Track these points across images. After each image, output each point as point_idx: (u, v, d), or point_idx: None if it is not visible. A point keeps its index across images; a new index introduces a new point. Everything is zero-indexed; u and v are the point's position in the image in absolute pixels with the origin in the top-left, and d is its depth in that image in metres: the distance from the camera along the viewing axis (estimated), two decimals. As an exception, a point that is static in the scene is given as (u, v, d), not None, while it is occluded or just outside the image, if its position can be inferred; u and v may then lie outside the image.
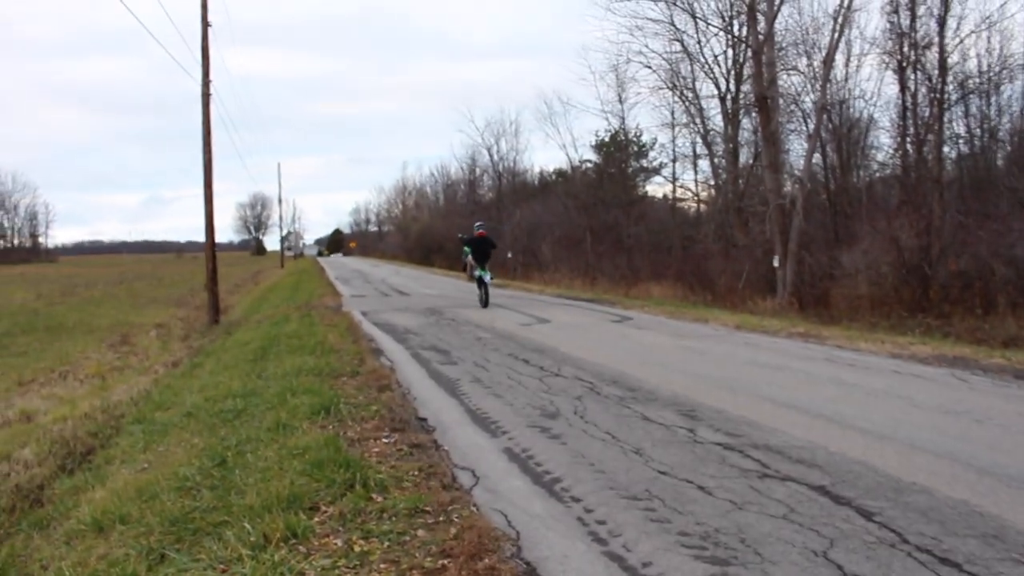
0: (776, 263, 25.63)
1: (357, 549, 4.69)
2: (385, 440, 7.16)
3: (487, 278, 21.00)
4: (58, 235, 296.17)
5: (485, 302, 20.96)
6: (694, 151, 42.11)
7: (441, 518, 5.09)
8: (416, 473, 6.07)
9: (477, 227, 21.76)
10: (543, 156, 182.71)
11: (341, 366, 11.24)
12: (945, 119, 27.08)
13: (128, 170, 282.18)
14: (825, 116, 29.06)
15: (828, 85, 27.65)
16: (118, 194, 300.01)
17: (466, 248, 21.75)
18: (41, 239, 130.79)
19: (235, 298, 38.85)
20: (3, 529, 7.06)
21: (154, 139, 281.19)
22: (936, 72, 26.47)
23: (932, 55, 26.67)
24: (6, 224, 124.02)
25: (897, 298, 21.74)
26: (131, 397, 12.65)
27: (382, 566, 4.44)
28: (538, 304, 22.52)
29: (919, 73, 27.16)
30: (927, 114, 27.33)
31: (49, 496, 7.76)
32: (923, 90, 27.31)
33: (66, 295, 41.27)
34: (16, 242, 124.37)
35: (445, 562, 4.42)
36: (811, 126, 31.06)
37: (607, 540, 4.71)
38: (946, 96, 26.49)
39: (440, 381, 10.28)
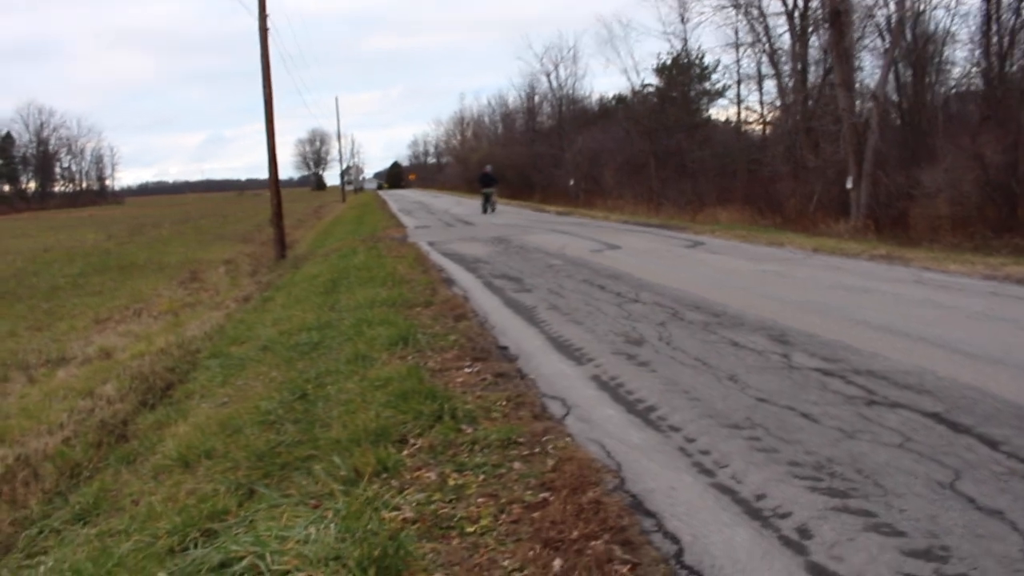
0: (849, 184, 24.74)
1: (452, 483, 4.52)
2: (467, 370, 6.98)
3: (492, 195, 34.10)
4: (124, 177, 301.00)
5: (485, 209, 33.39)
6: (759, 71, 40.76)
7: (536, 449, 4.89)
8: (504, 403, 5.88)
9: (486, 168, 36.52)
10: (604, 83, 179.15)
11: (414, 296, 11.09)
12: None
13: (190, 111, 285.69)
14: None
15: (906, -5, 26.27)
16: (181, 135, 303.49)
17: (480, 179, 35.56)
18: (108, 182, 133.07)
19: (299, 233, 39.07)
20: (92, 464, 7.09)
21: (215, 79, 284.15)
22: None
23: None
24: (74, 168, 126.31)
25: (981, 218, 20.86)
26: (205, 332, 12.70)
27: (480, 500, 4.26)
28: (605, 230, 22.14)
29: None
30: (1013, 22, 25.88)
31: (133, 431, 7.77)
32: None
33: (135, 235, 41.93)
34: (84, 185, 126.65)
35: (546, 495, 4.23)
36: (886, 41, 29.77)
37: (714, 471, 4.47)
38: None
39: (516, 309, 10.07)
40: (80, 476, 6.90)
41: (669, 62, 44.96)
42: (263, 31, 24.49)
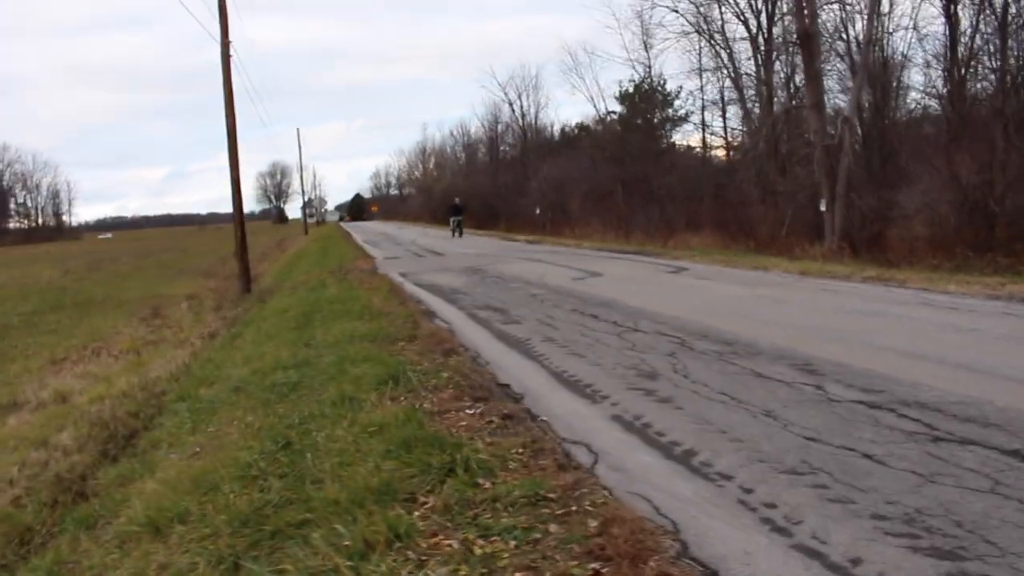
0: (823, 207, 24.46)
1: (479, 552, 3.79)
2: (469, 411, 6.26)
3: (461, 222, 40.39)
4: (83, 213, 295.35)
5: (458, 234, 39.58)
6: (722, 97, 40.80)
7: (572, 507, 4.19)
8: (520, 451, 5.16)
9: (455, 200, 43.93)
10: (570, 111, 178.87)
11: (395, 330, 10.35)
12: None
13: (151, 145, 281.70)
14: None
15: (876, 16, 26.24)
16: (142, 169, 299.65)
17: (450, 209, 42.02)
18: (65, 217, 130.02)
19: (264, 266, 38.04)
20: (46, 528, 6.25)
21: (176, 114, 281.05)
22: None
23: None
24: (29, 204, 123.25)
25: (958, 238, 20.57)
26: (170, 372, 11.84)
27: (517, 575, 3.56)
28: (581, 257, 21.57)
29: (972, -1, 25.58)
30: (977, 42, 25.82)
31: (93, 488, 6.94)
32: (967, 16, 25.75)
33: (93, 270, 40.62)
34: (40, 221, 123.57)
35: (598, 567, 3.52)
36: (850, 64, 29.77)
37: (789, 529, 3.81)
38: (1009, 20, 24.58)
39: (509, 342, 9.38)
40: (32, 543, 6.06)
41: (631, 89, 44.74)
42: (225, 57, 23.67)
